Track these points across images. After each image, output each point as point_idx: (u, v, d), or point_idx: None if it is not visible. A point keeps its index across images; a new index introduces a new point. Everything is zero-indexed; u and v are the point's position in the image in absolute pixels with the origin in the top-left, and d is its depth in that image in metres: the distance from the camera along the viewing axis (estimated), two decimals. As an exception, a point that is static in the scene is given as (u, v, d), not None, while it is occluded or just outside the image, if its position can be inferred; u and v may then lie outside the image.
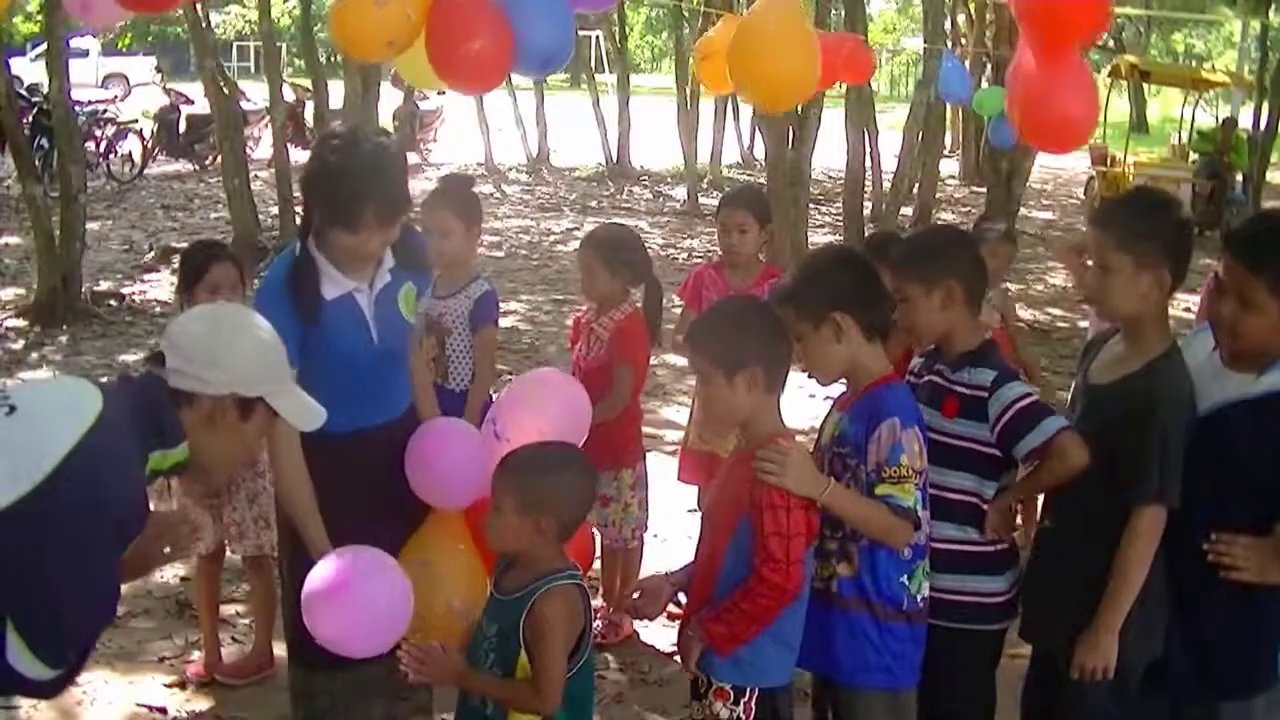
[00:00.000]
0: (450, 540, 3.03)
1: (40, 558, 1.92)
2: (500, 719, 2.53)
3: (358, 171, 2.73)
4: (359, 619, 2.55)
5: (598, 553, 4.19)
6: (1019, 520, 3.06)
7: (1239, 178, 15.76)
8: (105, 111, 16.59)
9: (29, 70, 19.35)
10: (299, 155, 17.12)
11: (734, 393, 2.55)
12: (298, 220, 3.61)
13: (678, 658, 2.73)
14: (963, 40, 18.59)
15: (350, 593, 2.54)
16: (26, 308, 8.92)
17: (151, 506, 3.82)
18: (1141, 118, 29.23)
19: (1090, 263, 2.80)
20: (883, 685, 2.69)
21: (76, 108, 11.01)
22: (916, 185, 15.48)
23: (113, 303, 9.36)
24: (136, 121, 17.03)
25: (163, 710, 3.79)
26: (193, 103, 17.66)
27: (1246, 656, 2.68)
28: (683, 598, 2.78)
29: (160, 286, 9.84)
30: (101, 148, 15.69)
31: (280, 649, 4.07)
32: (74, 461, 1.95)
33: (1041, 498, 2.94)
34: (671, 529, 4.95)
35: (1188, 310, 5.95)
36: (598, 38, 30.31)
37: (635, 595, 2.82)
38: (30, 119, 13.49)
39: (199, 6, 10.75)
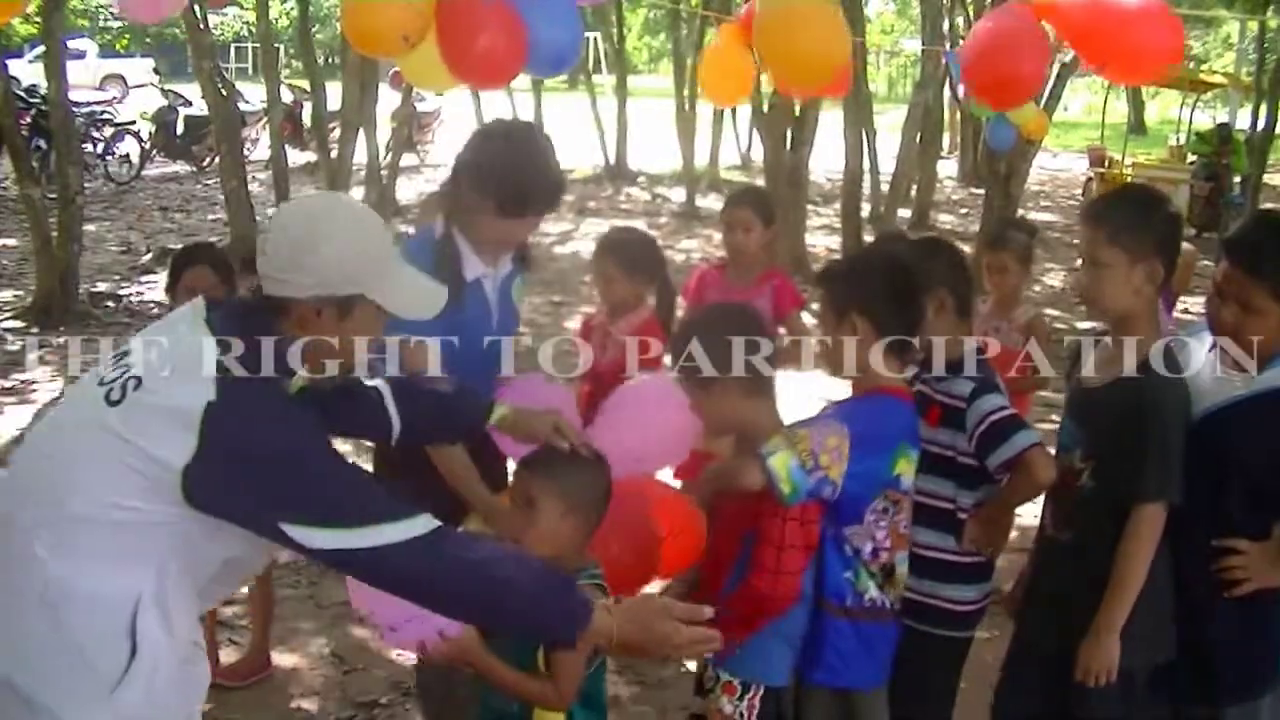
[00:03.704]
0: None
1: (248, 466, 1.91)
2: (525, 717, 2.51)
3: (528, 163, 2.83)
4: None
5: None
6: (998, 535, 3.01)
7: (1237, 180, 15.77)
8: (103, 113, 16.59)
9: (27, 71, 19.32)
10: (297, 157, 17.22)
11: (730, 402, 2.52)
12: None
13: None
14: (961, 42, 18.62)
15: None
16: (24, 309, 8.91)
17: None
18: (1139, 119, 29.27)
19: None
20: (823, 682, 2.62)
21: (74, 109, 10.99)
22: (915, 187, 15.52)
23: (110, 304, 9.35)
24: (134, 123, 17.01)
25: (160, 712, 3.77)
26: (190, 104, 17.68)
27: (1250, 658, 2.66)
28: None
29: (157, 288, 9.80)
30: (99, 149, 15.67)
31: (278, 651, 4.08)
32: (217, 406, 1.91)
33: (1042, 504, 2.92)
34: (670, 531, 4.92)
35: (1186, 312, 5.95)
36: (595, 39, 30.33)
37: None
38: (28, 120, 13.47)
39: (197, 8, 10.70)
